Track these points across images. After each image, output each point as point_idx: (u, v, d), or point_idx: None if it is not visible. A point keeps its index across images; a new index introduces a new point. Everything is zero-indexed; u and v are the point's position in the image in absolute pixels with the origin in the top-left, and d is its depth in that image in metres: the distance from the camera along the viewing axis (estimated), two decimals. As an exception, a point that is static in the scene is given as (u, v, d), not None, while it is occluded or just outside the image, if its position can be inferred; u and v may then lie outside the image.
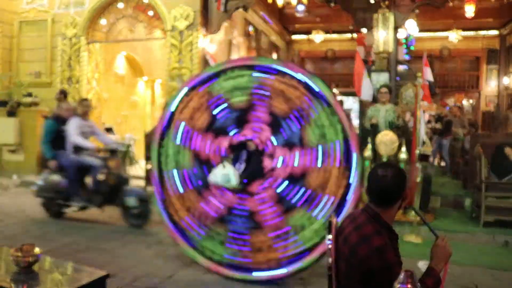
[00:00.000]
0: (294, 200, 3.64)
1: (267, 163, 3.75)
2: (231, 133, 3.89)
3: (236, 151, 3.87)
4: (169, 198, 4.09)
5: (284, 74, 3.73)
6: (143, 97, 11.86)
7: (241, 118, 3.86)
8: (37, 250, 2.34)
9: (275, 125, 3.73)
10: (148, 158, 7.18)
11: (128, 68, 11.20)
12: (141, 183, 7.32)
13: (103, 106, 9.72)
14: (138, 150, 8.78)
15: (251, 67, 3.87)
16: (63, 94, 7.82)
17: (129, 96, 11.29)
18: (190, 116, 4.02)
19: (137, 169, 7.13)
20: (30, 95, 8.91)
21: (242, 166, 3.78)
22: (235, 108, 3.87)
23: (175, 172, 4.05)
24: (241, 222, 3.79)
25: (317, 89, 3.61)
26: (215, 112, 3.94)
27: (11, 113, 8.78)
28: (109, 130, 10.05)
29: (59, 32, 9.19)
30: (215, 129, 3.94)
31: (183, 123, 4.05)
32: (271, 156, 3.73)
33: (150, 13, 8.65)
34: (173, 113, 4.13)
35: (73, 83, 9.06)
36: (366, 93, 6.72)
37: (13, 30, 9.60)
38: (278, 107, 3.72)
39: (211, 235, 3.90)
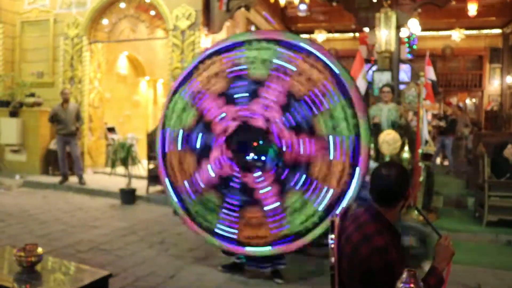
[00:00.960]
0: (292, 184, 3.57)
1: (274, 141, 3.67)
2: (238, 106, 3.79)
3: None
4: (169, 156, 4.09)
5: (310, 53, 3.60)
6: (145, 96, 11.87)
7: (255, 91, 3.73)
8: (39, 250, 2.34)
9: (287, 106, 3.60)
10: (150, 158, 7.17)
11: (130, 68, 11.21)
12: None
13: (105, 106, 9.72)
14: (141, 150, 8.78)
15: (278, 42, 3.72)
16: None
17: (131, 96, 11.30)
18: (208, 79, 3.94)
19: (140, 169, 7.13)
20: (32, 95, 8.92)
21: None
22: (252, 79, 3.74)
23: (179, 131, 4.04)
24: (236, 195, 3.77)
25: (338, 72, 3.50)
26: (232, 82, 3.83)
27: (14, 113, 8.80)
28: (111, 130, 10.09)
29: (61, 32, 9.19)
30: (227, 96, 3.84)
31: (199, 83, 3.99)
32: (278, 136, 3.63)
33: (152, 12, 8.64)
34: (191, 72, 4.08)
35: (76, 83, 9.07)
36: None
37: (15, 31, 9.61)
38: (297, 87, 3.58)
39: (203, 201, 3.90)
